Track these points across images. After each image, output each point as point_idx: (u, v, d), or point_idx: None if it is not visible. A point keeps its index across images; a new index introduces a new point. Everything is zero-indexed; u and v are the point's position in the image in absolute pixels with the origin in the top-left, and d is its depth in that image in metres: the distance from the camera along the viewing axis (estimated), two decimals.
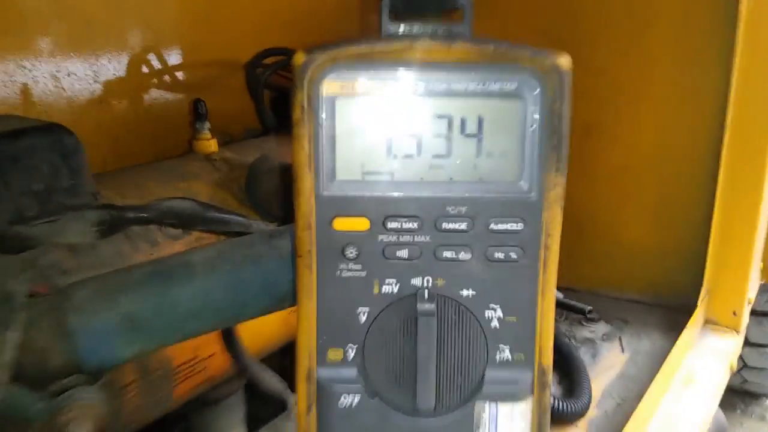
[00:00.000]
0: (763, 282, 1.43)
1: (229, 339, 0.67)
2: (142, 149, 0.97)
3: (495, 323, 0.44)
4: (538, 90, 0.42)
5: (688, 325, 1.11)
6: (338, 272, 0.43)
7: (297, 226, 0.43)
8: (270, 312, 0.52)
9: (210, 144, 0.82)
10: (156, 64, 0.99)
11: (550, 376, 0.45)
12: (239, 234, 0.53)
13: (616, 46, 1.26)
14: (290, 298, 0.50)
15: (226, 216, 0.55)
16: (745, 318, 1.23)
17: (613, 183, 1.33)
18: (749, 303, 1.22)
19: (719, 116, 1.15)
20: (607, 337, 1.18)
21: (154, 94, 0.99)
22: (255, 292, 0.50)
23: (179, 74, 1.01)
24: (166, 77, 0.99)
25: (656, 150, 1.28)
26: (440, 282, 0.44)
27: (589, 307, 1.17)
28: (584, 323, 1.20)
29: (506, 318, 0.44)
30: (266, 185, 0.69)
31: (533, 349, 0.44)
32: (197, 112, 0.82)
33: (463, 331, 0.44)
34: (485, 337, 0.44)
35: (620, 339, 1.17)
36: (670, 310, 1.27)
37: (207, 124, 0.82)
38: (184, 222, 0.53)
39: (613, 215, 1.36)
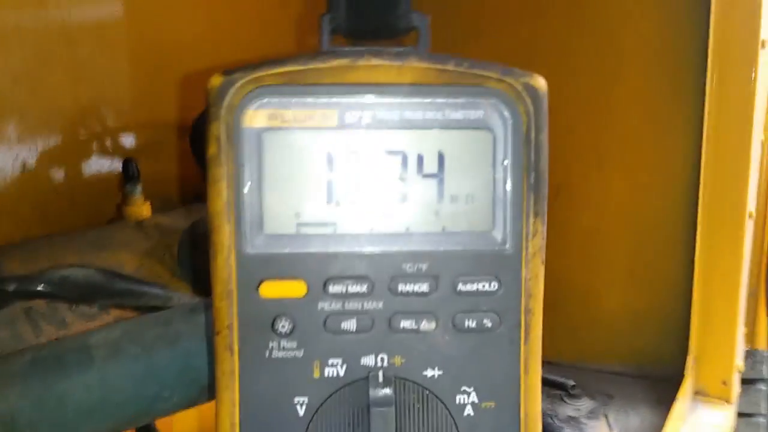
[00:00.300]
0: (747, 348, 1.36)
1: None
2: (73, 218, 0.87)
3: (469, 411, 0.35)
4: (510, 117, 0.34)
5: (678, 397, 1.02)
6: (267, 352, 0.34)
7: (214, 294, 0.34)
8: (193, 404, 0.42)
9: (142, 209, 0.73)
10: (91, 125, 0.91)
11: None
12: (156, 309, 0.43)
13: (582, 104, 1.21)
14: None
15: (139, 287, 0.45)
16: (736, 387, 1.14)
17: (586, 247, 1.26)
18: (739, 371, 1.14)
19: (693, 173, 1.10)
20: (593, 415, 1.08)
21: (87, 158, 0.90)
22: (170, 381, 0.40)
23: (115, 136, 0.92)
24: (101, 139, 0.90)
25: (628, 211, 1.22)
26: (398, 360, 0.34)
27: (572, 382, 1.08)
28: (566, 400, 1.10)
29: (482, 404, 0.35)
30: (200, 252, 0.60)
31: None
32: (127, 174, 0.73)
33: (430, 423, 0.34)
34: (457, 429, 0.35)
35: (606, 417, 1.07)
36: (655, 382, 1.18)
37: (139, 187, 0.73)
38: (82, 296, 0.43)
39: (588, 282, 1.29)
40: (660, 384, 1.15)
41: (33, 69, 0.85)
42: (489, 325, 0.34)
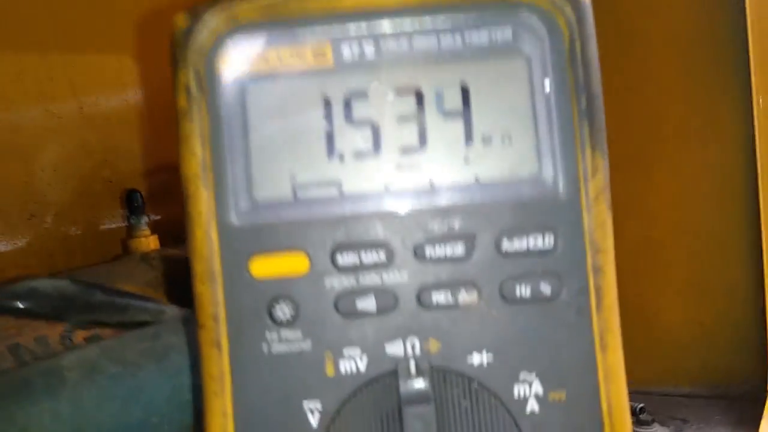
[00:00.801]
0: None
1: None
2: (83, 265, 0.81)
3: (533, 406, 0.27)
4: (546, 33, 0.27)
5: (766, 415, 0.91)
6: (265, 347, 0.27)
7: (193, 276, 0.27)
8: None
9: (148, 241, 0.67)
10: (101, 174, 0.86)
11: None
12: (146, 325, 0.37)
13: (615, 105, 1.14)
14: None
15: (122, 299, 0.38)
16: None
17: (636, 259, 1.16)
18: None
19: (749, 169, 1.01)
20: None
21: (99, 208, 0.86)
22: (159, 405, 0.33)
23: (126, 185, 0.88)
24: (112, 189, 0.86)
25: (680, 216, 1.12)
26: (434, 346, 0.27)
27: (640, 405, 0.97)
28: (636, 428, 0.99)
29: (550, 396, 0.27)
30: None
31: None
32: (132, 205, 0.67)
33: (482, 425, 0.27)
34: (519, 430, 0.27)
35: None
36: (733, 401, 1.07)
37: (144, 219, 0.68)
38: (54, 309, 0.37)
39: (643, 297, 1.18)
40: (738, 403, 1.04)
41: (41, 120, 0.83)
42: (547, 292, 0.27)
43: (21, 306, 0.35)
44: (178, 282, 0.58)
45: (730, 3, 1.00)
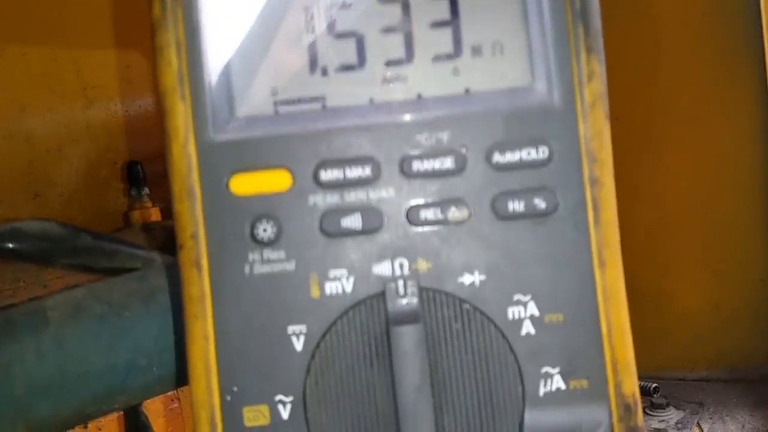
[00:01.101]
0: None
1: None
2: None
3: (528, 328, 0.25)
4: None
5: None
6: (247, 268, 0.26)
7: (172, 195, 0.26)
8: (181, 381, 0.33)
9: (150, 212, 0.66)
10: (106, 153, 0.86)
11: (640, 416, 0.25)
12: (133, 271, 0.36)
13: (625, 88, 1.12)
14: None
15: (111, 244, 0.37)
16: None
17: (651, 244, 1.14)
18: None
19: (764, 150, 0.99)
20: (682, 425, 0.94)
21: (104, 186, 0.85)
22: (147, 346, 0.32)
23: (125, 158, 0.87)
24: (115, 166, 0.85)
25: (694, 199, 1.10)
26: (423, 265, 0.26)
27: (654, 384, 0.94)
28: (650, 411, 0.97)
29: (546, 317, 0.25)
30: None
31: (602, 365, 0.25)
32: (132, 177, 0.67)
33: (474, 348, 0.25)
34: (514, 354, 0.25)
35: (699, 425, 0.93)
36: (750, 384, 1.04)
37: (146, 190, 0.67)
38: (40, 252, 0.36)
39: (658, 282, 1.16)
40: (756, 386, 1.01)
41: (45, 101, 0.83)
42: (542, 206, 0.25)
43: (7, 246, 0.34)
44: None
45: None
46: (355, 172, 0.26)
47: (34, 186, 0.82)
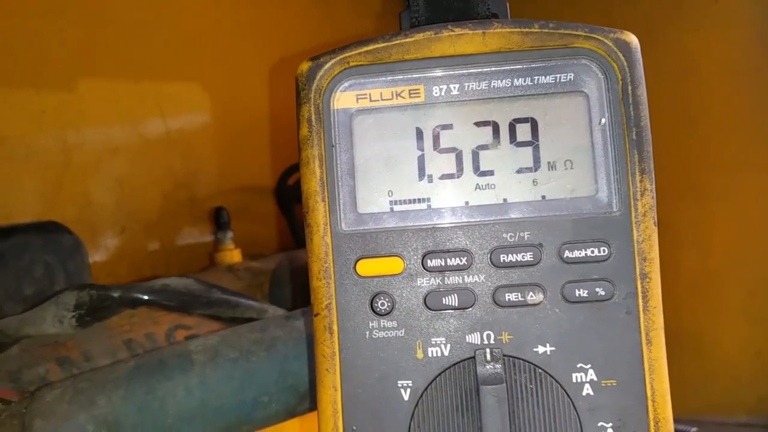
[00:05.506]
0: None
1: None
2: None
3: (588, 390, 0.32)
4: (603, 76, 0.33)
5: None
6: (368, 333, 0.33)
7: (311, 274, 0.33)
8: (293, 414, 0.40)
9: (233, 254, 0.74)
10: (184, 193, 0.94)
11: None
12: (252, 321, 0.43)
13: (670, 137, 1.17)
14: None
15: (235, 298, 0.45)
16: None
17: (693, 289, 1.18)
18: None
19: None
20: None
21: (182, 224, 0.94)
22: (268, 386, 0.39)
23: (206, 202, 0.96)
24: (193, 206, 0.94)
25: (737, 245, 1.14)
26: (505, 337, 0.32)
27: (695, 429, 0.98)
28: None
29: (602, 382, 0.32)
30: (292, 285, 0.60)
31: (646, 422, 0.31)
32: (219, 221, 0.75)
33: (545, 404, 0.32)
34: (576, 411, 0.32)
35: None
36: None
37: (230, 234, 0.75)
38: (182, 303, 0.44)
39: (700, 326, 1.20)
40: None
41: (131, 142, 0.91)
42: (602, 293, 0.32)
43: (157, 299, 0.41)
44: (262, 291, 0.65)
45: None
46: (453, 261, 0.33)
47: (121, 222, 0.90)
